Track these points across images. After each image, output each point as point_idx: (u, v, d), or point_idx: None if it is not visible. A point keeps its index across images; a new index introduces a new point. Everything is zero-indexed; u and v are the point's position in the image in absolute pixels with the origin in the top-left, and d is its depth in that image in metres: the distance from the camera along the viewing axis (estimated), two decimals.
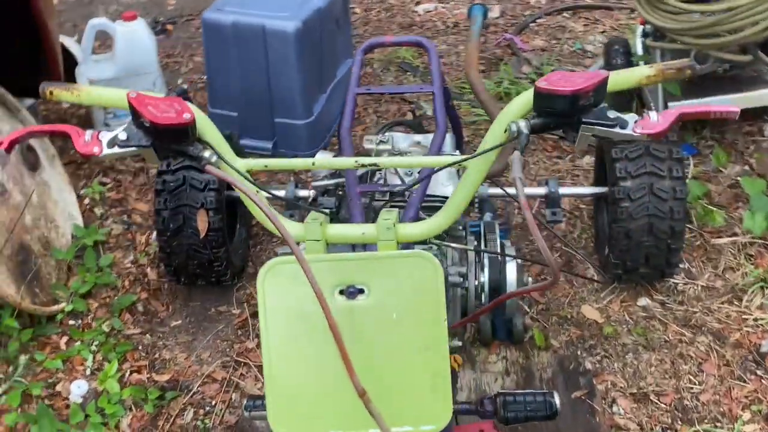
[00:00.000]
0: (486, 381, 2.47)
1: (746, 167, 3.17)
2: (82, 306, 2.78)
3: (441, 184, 1.99)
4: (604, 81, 1.09)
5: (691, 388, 2.40)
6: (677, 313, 2.64)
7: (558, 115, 1.08)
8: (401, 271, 1.15)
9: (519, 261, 1.99)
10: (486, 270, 1.86)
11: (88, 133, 1.16)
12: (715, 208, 2.95)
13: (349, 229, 1.18)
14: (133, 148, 1.14)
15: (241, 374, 2.54)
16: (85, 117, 3.94)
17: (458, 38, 4.53)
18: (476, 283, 1.85)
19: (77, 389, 2.48)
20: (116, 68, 3.71)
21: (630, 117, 1.11)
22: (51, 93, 1.25)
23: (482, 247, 1.93)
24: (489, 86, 3.95)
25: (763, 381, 2.40)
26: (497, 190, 2.43)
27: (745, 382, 2.40)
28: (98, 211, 3.28)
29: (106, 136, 1.15)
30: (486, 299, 1.87)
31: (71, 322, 2.75)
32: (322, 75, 3.65)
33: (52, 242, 2.96)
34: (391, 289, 1.16)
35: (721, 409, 2.32)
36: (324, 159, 1.19)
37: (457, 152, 2.08)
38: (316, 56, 3.54)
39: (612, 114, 1.10)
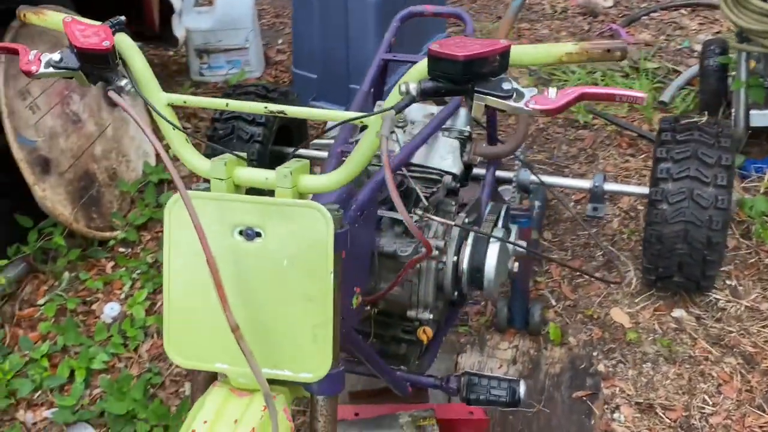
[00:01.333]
0: (490, 366, 2.43)
1: None
2: (134, 236, 2.97)
3: (439, 157, 1.97)
4: (504, 50, 1.05)
5: (704, 408, 2.26)
6: (711, 330, 2.49)
7: (450, 80, 1.05)
8: (294, 220, 1.17)
9: (516, 248, 1.95)
10: (467, 249, 1.84)
11: (32, 53, 1.25)
12: None
13: (255, 173, 1.21)
14: (64, 70, 1.22)
15: None
16: (185, 66, 4.15)
17: (562, 25, 4.40)
18: (454, 259, 1.82)
19: (110, 310, 2.66)
20: (213, 21, 3.89)
21: (528, 91, 1.07)
22: (24, 15, 1.36)
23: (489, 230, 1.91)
24: (579, 74, 3.83)
25: None
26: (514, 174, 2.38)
27: (764, 412, 2.24)
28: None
29: (45, 57, 1.24)
30: (465, 279, 1.85)
31: (121, 249, 2.94)
32: (403, 46, 3.65)
33: (120, 174, 3.16)
34: (285, 237, 1.18)
35: None
36: (235, 102, 1.22)
37: (468, 128, 2.04)
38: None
39: (508, 86, 1.06)
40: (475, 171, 2.30)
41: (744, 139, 3.03)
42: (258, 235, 1.19)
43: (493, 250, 1.84)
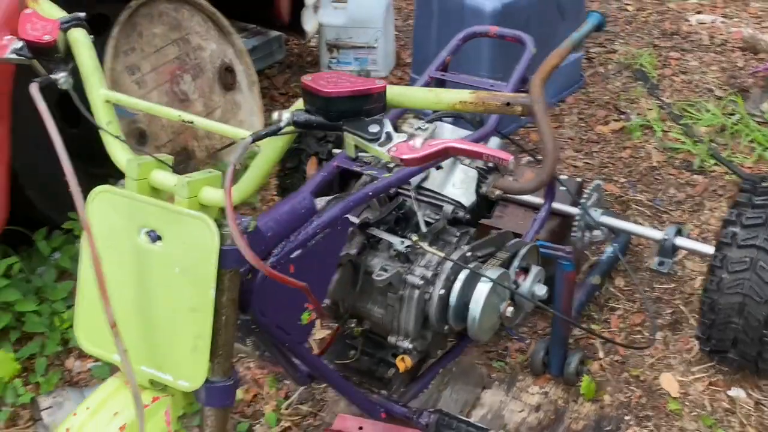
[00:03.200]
0: (510, 408, 2.32)
1: None
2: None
3: (452, 185, 1.90)
4: (379, 92, 1.00)
5: None
6: (767, 418, 2.23)
7: (322, 115, 1.02)
8: (187, 229, 1.19)
9: (507, 289, 1.84)
10: (457, 284, 1.77)
11: (6, 37, 1.35)
12: None
13: (165, 178, 1.23)
14: (23, 58, 1.31)
15: None
16: (318, 57, 4.27)
17: (715, 58, 4.06)
18: (441, 292, 1.76)
19: None
20: (346, 18, 3.98)
21: (398, 137, 1.00)
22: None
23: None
24: (712, 114, 3.52)
25: None
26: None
27: None
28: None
29: (13, 44, 1.33)
30: (452, 316, 1.78)
31: None
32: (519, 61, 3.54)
33: (221, 155, 3.32)
34: (179, 245, 1.20)
35: None
36: (156, 107, 1.24)
37: (497, 176, 1.94)
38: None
39: (375, 128, 1.00)
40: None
41: None
42: (159, 238, 1.22)
43: (481, 290, 1.76)
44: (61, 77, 1.27)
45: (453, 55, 2.24)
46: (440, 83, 2.20)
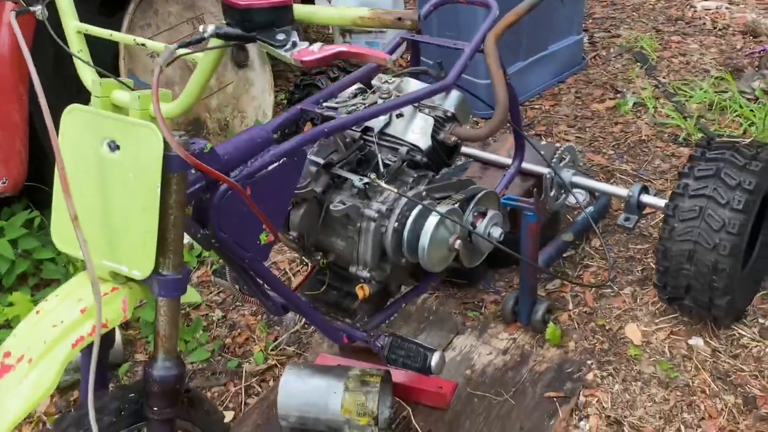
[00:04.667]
0: (479, 351, 2.45)
1: None
2: None
3: (411, 132, 2.04)
4: (283, 5, 1.15)
5: None
6: (722, 364, 2.32)
7: (240, 27, 1.18)
8: (138, 138, 1.36)
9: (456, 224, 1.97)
10: (410, 219, 1.91)
11: None
12: None
13: (123, 96, 1.41)
14: None
15: None
16: (332, 40, 4.45)
17: (715, 41, 4.12)
18: (395, 225, 1.91)
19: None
20: (358, 3, 4.14)
21: (301, 44, 1.16)
22: None
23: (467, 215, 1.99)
24: (703, 92, 3.59)
25: None
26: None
27: None
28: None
29: None
30: (406, 249, 1.93)
31: None
32: (520, 41, 3.66)
33: (232, 127, 3.52)
34: (133, 152, 1.37)
35: None
36: (118, 34, 1.41)
37: (452, 110, 2.08)
38: None
39: (282, 36, 1.16)
40: None
41: None
42: (118, 147, 1.40)
43: (430, 223, 1.91)
44: (38, 9, 1.46)
45: (425, 18, 2.38)
46: (414, 44, 2.35)
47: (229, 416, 2.31)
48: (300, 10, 1.18)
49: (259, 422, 2.29)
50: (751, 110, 3.38)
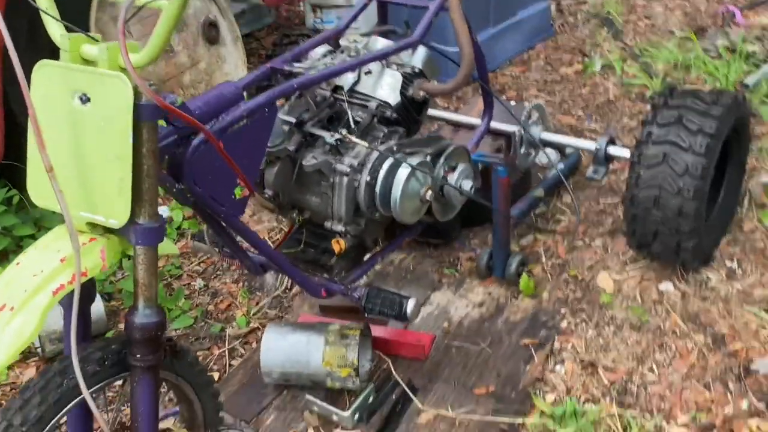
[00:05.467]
0: (456, 305, 2.50)
1: None
2: None
3: (380, 88, 2.07)
4: None
5: (647, 375, 2.19)
6: (692, 307, 2.38)
7: None
8: (108, 88, 1.38)
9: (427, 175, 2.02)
10: (382, 172, 1.95)
11: None
12: None
13: (92, 49, 1.43)
14: None
15: None
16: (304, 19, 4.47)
17: (680, 4, 4.17)
18: (368, 179, 1.95)
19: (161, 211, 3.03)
20: None
21: None
22: None
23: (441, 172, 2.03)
24: (669, 52, 3.65)
25: (728, 396, 2.10)
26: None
27: (708, 390, 2.12)
28: None
29: None
30: (379, 202, 1.97)
31: None
32: (488, 9, 3.70)
33: None
34: (104, 102, 1.39)
35: (663, 405, 2.10)
36: None
37: (419, 66, 2.11)
38: None
39: None
40: None
41: None
42: (89, 100, 1.42)
43: (401, 174, 1.95)
44: None
45: None
46: (381, 5, 2.39)
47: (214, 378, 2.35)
48: None
49: (243, 381, 2.33)
50: (715, 67, 3.45)
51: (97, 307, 2.48)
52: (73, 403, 1.50)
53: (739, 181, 2.60)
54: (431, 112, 2.82)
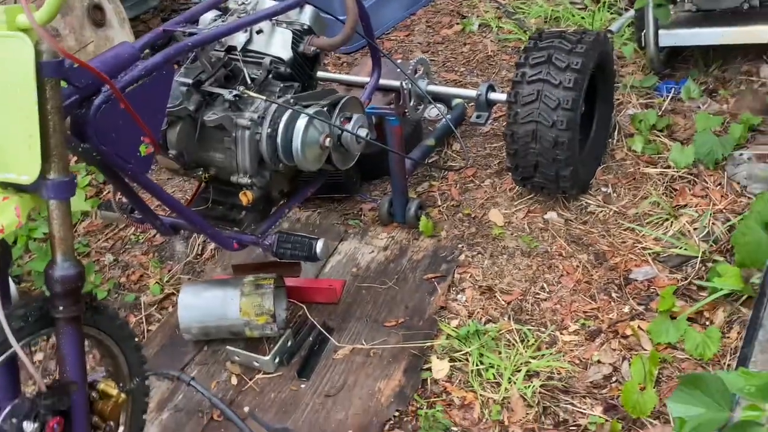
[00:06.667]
0: (362, 251, 2.63)
1: (724, 106, 2.90)
2: None
3: (272, 46, 2.16)
4: None
5: (539, 294, 2.38)
6: (575, 231, 2.59)
7: None
8: (9, 49, 1.42)
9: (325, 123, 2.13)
10: (281, 124, 2.04)
11: None
12: (665, 140, 2.78)
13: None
14: None
15: None
16: (190, 3, 4.46)
17: None
18: (269, 131, 2.04)
19: None
20: None
21: None
22: None
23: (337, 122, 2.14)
24: (539, 7, 3.87)
25: (611, 303, 2.31)
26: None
27: (593, 300, 2.33)
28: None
29: None
30: (281, 153, 2.06)
31: None
32: None
33: None
34: (6, 63, 1.43)
35: (555, 318, 2.30)
36: None
37: (308, 23, 2.22)
38: None
39: None
40: None
41: (656, 59, 3.05)
42: None
43: (300, 125, 2.04)
44: None
45: None
46: None
47: None
48: None
49: (163, 342, 2.38)
50: (582, 17, 3.69)
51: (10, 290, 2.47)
52: (1, 358, 1.53)
53: (609, 116, 2.82)
54: (323, 74, 2.93)
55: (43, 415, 1.57)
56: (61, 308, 1.56)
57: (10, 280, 1.79)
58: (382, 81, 2.69)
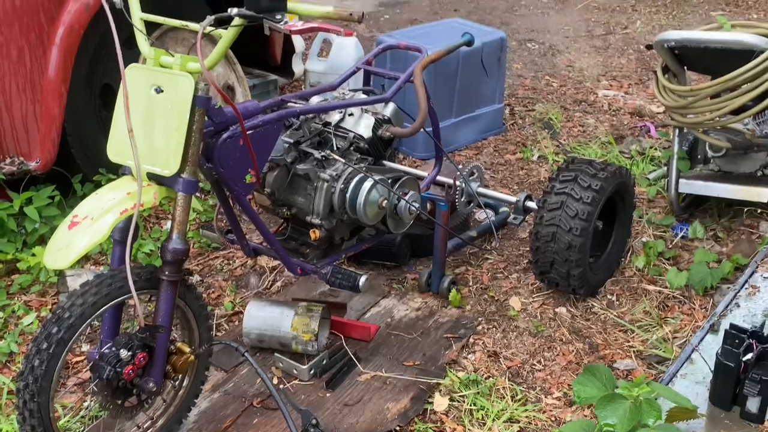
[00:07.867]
0: (398, 308, 3.10)
1: (724, 248, 3.30)
2: None
3: (358, 126, 2.76)
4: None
5: (535, 365, 2.78)
6: (577, 324, 2.99)
7: (253, 10, 1.88)
8: (177, 83, 2.04)
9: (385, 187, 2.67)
10: (352, 183, 2.60)
11: None
12: (668, 266, 3.20)
13: (169, 59, 2.09)
14: None
15: None
16: None
17: (608, 118, 4.97)
18: (341, 187, 2.59)
19: None
20: (326, 66, 4.93)
21: (289, 23, 1.87)
22: None
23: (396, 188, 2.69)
24: (592, 150, 4.40)
25: None
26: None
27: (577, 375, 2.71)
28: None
29: None
30: (348, 206, 2.61)
31: None
32: (453, 103, 4.45)
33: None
34: (173, 93, 2.04)
35: (544, 385, 2.69)
36: (167, 19, 2.12)
37: (388, 115, 2.81)
38: (449, 85, 4.37)
39: (279, 16, 1.87)
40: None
41: (676, 202, 3.50)
42: (162, 91, 2.07)
43: (365, 185, 2.59)
44: (117, 1, 2.15)
45: (374, 58, 3.13)
46: (366, 73, 3.10)
47: None
48: (290, 4, 1.89)
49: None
50: (626, 164, 4.19)
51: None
52: (117, 299, 2.07)
53: (625, 240, 3.27)
54: (395, 166, 3.51)
55: (136, 347, 2.09)
56: (167, 273, 2.10)
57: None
58: (440, 177, 3.23)
